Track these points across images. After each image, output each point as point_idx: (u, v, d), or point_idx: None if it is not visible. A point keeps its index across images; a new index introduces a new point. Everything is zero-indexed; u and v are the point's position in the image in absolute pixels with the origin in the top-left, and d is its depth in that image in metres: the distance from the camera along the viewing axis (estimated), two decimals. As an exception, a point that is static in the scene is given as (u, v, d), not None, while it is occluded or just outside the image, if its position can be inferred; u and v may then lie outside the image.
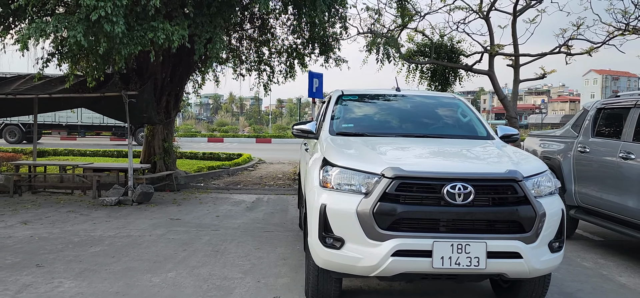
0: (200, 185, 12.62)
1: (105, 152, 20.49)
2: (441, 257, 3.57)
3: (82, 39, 7.69)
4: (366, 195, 3.74)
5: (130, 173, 10.01)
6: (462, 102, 5.78)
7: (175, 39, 8.32)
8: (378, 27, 14.27)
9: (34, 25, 7.63)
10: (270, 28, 14.25)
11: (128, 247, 6.48)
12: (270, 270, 5.57)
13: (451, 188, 3.62)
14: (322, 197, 3.94)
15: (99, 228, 7.57)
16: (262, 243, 6.76)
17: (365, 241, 3.68)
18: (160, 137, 12.71)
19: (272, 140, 35.03)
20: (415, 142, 4.74)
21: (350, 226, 3.74)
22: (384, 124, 5.35)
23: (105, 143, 29.99)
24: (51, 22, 7.70)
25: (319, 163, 4.28)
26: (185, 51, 10.97)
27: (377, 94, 5.98)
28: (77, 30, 7.69)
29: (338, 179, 3.93)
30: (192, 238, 7.02)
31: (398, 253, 3.60)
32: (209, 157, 19.49)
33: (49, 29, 7.61)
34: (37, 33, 7.62)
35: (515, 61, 14.07)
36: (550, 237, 3.83)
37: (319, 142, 5.04)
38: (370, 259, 3.66)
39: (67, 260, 5.80)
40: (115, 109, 11.60)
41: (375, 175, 3.77)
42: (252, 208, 9.66)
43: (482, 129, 5.26)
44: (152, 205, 9.68)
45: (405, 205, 3.65)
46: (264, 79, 14.47)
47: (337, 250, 3.81)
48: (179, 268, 5.58)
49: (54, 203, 9.79)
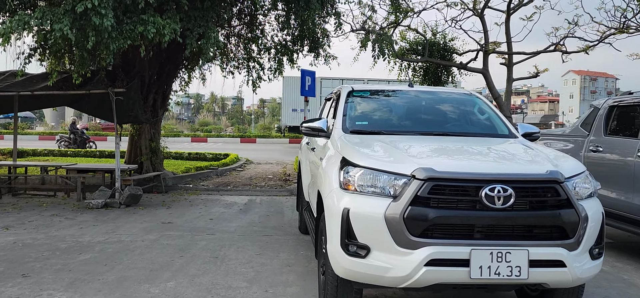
0: (189, 187, 12.18)
1: (87, 152, 19.88)
2: (479, 266, 3.25)
3: (68, 32, 7.25)
4: (395, 198, 3.40)
5: (118, 174, 9.55)
6: (478, 98, 5.48)
7: (167, 33, 7.91)
8: (369, 24, 13.97)
9: (17, 17, 7.15)
10: (258, 24, 13.89)
11: (120, 253, 6.06)
12: (276, 278, 5.21)
13: (490, 190, 3.30)
14: (343, 200, 3.60)
15: (86, 233, 7.13)
16: (262, 249, 6.40)
17: (395, 249, 3.35)
18: (147, 137, 12.25)
19: (257, 140, 34.57)
20: (437, 140, 4.41)
21: (377, 232, 3.40)
22: (399, 121, 5.01)
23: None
24: (35, 14, 7.23)
25: (336, 164, 3.94)
26: (173, 47, 10.55)
27: (389, 90, 5.65)
28: (64, 22, 7.24)
29: (361, 181, 3.58)
30: (188, 243, 6.63)
31: (432, 262, 3.27)
32: (195, 157, 19.01)
33: (33, 21, 7.14)
34: (20, 26, 7.15)
35: (509, 59, 13.90)
36: (591, 243, 3.54)
37: (331, 141, 4.70)
38: (401, 269, 3.33)
39: (55, 269, 5.36)
40: (100, 106, 11.12)
41: (404, 176, 3.43)
42: (245, 210, 9.28)
43: (503, 127, 4.97)
44: (140, 208, 9.23)
45: (439, 210, 3.32)
46: (253, 76, 14.09)
47: (361, 259, 3.47)
48: (178, 277, 5.19)
49: (36, 206, 9.29)
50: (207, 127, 54.29)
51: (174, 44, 8.76)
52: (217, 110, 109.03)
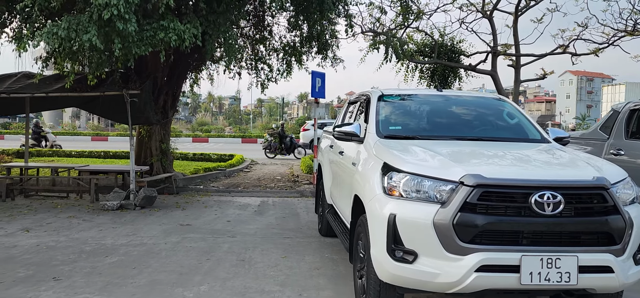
0: (200, 188, 12.18)
1: (92, 152, 19.84)
2: (530, 272, 3.28)
3: (96, 41, 7.27)
4: (442, 204, 3.43)
5: (133, 176, 9.54)
6: (507, 102, 5.51)
7: (187, 39, 7.92)
8: (377, 26, 14.00)
9: (46, 30, 7.19)
10: (266, 25, 13.90)
11: (146, 256, 6.07)
12: (307, 281, 5.22)
13: (539, 197, 3.33)
14: (388, 206, 3.62)
15: (107, 235, 7.13)
16: (286, 252, 6.41)
17: (443, 255, 3.37)
18: (158, 138, 12.25)
19: (258, 140, 34.54)
20: (473, 145, 4.43)
21: (426, 238, 3.43)
22: (432, 126, 5.02)
23: (85, 144, 29.22)
24: (62, 24, 7.24)
25: (377, 169, 3.96)
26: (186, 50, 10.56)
27: (418, 94, 5.67)
28: (91, 32, 7.26)
29: (407, 186, 3.61)
30: (211, 246, 6.64)
31: (483, 268, 3.30)
32: (200, 157, 19.00)
33: (61, 32, 7.16)
34: (50, 37, 7.18)
35: (516, 61, 13.95)
36: (634, 249, 3.57)
37: (365, 146, 4.71)
38: (450, 275, 3.36)
39: (85, 272, 5.37)
40: (112, 108, 11.09)
41: (452, 182, 3.46)
42: (260, 212, 9.29)
43: (534, 131, 5.00)
44: (155, 210, 9.24)
45: (489, 216, 3.35)
46: (262, 78, 14.10)
47: (408, 264, 3.49)
48: (209, 280, 5.20)
49: (50, 208, 9.28)
50: (205, 126, 54.22)
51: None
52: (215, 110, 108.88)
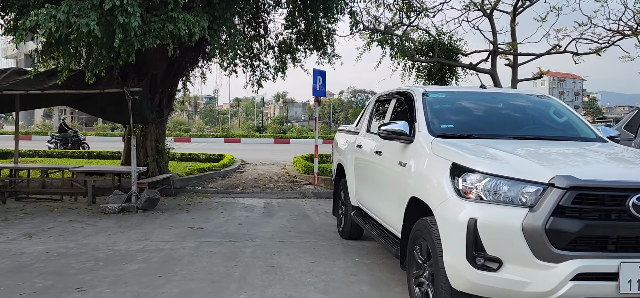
0: (198, 189, 11.79)
1: (75, 153, 19.17)
2: (629, 280, 3.09)
3: (95, 27, 6.85)
4: (531, 208, 3.21)
5: (134, 177, 9.12)
6: (553, 99, 5.34)
7: (196, 31, 7.58)
8: (376, 23, 13.80)
9: (43, 11, 6.71)
10: (261, 22, 13.58)
11: (167, 263, 5.72)
12: (349, 289, 4.96)
13: (637, 199, 3.14)
14: (466, 209, 3.38)
15: (118, 240, 6.74)
16: (314, 256, 6.13)
17: (534, 262, 3.15)
18: (153, 138, 11.81)
19: (241, 140, 34.07)
20: (538, 145, 4.20)
21: (513, 244, 3.20)
22: (487, 125, 4.79)
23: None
24: (62, 7, 6.80)
25: (443, 170, 3.72)
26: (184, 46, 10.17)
27: (461, 91, 5.45)
28: (90, 17, 6.84)
29: (487, 188, 3.37)
30: (233, 251, 6.32)
31: (579, 276, 3.09)
32: (188, 158, 18.52)
33: (60, 15, 6.71)
34: (47, 20, 6.71)
35: (514, 60, 13.91)
36: None
37: (415, 146, 4.48)
38: (543, 284, 3.14)
39: (108, 282, 5.01)
40: (106, 107, 10.70)
41: (540, 184, 3.24)
42: (268, 214, 8.98)
43: (588, 130, 4.84)
44: (159, 212, 8.85)
45: (584, 220, 3.14)
46: (257, 75, 13.78)
47: (492, 272, 3.27)
48: (246, 289, 4.89)
49: (46, 211, 8.80)
50: (183, 126, 53.33)
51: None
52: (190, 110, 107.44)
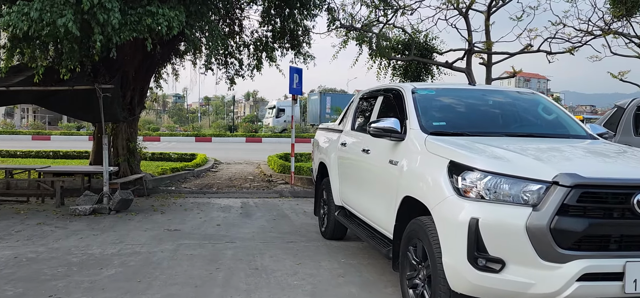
0: (171, 189, 11.47)
1: (39, 153, 18.48)
2: (634, 280, 3.02)
3: (72, 26, 6.54)
4: (534, 207, 3.12)
5: (106, 177, 8.78)
6: (542, 96, 5.30)
7: (175, 26, 7.32)
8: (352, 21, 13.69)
9: (15, 8, 6.36)
10: (235, 19, 13.34)
11: (146, 267, 5.47)
12: (338, 291, 4.81)
13: None
14: (467, 209, 3.27)
15: (91, 244, 6.44)
16: (298, 257, 5.96)
17: (538, 263, 3.06)
18: (125, 137, 11.45)
19: (212, 138, 33.55)
20: (532, 143, 4.14)
21: (516, 245, 3.11)
22: (479, 122, 4.71)
23: (27, 144, 27.47)
24: (34, 5, 6.45)
25: (440, 168, 3.61)
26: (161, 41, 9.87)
27: (453, 88, 5.36)
28: (67, 16, 6.52)
29: (488, 187, 3.27)
30: (213, 253, 6.10)
31: (585, 277, 3.01)
32: (160, 157, 18.06)
33: (33, 13, 6.37)
34: (19, 19, 6.37)
35: (488, 59, 13.97)
36: None
37: (407, 143, 4.36)
38: (547, 285, 3.05)
39: (84, 288, 4.74)
40: (71, 105, 10.28)
41: (544, 182, 3.15)
42: (246, 214, 8.77)
43: (578, 127, 4.81)
44: (132, 214, 8.53)
45: (589, 219, 3.06)
46: (230, 72, 13.54)
47: (495, 273, 3.16)
48: (232, 293, 4.69)
49: (12, 213, 8.40)
50: (152, 125, 52.26)
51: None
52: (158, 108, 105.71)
